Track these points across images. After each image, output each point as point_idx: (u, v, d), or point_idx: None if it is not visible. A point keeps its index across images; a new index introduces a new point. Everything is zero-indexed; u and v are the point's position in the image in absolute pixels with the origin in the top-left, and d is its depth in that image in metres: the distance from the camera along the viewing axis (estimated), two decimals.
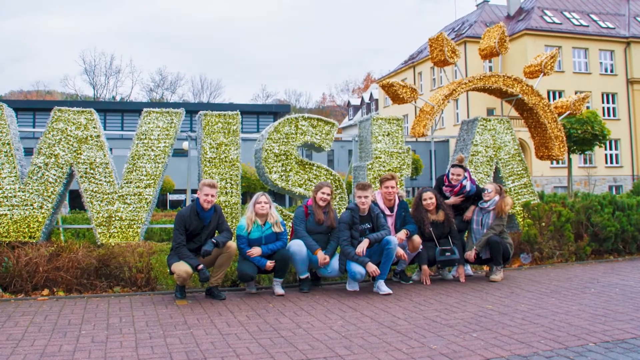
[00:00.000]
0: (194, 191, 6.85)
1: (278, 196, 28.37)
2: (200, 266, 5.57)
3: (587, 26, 36.66)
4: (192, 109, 32.15)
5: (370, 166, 7.78)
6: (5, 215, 6.59)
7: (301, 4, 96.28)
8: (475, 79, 9.12)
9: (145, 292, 6.11)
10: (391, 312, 5.02)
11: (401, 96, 8.74)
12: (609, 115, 35.69)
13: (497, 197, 6.78)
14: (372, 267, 5.82)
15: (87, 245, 6.52)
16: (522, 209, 8.37)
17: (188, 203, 7.08)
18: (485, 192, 6.82)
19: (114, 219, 6.86)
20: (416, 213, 6.66)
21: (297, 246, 6.00)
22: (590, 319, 4.63)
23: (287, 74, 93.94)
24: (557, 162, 30.55)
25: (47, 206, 6.72)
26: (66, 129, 6.92)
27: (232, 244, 5.86)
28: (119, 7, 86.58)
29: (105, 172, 6.95)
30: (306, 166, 7.49)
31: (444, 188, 7.10)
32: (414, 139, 29.18)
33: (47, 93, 67.58)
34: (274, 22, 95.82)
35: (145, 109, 7.29)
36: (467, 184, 6.96)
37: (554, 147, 9.35)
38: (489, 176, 8.39)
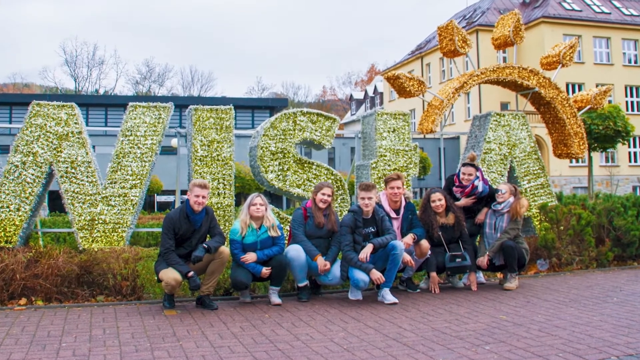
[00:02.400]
0: (183, 192, 6.85)
1: (275, 197, 28.39)
2: (191, 273, 5.57)
3: (609, 13, 36.68)
4: (181, 103, 32.18)
5: (374, 165, 7.79)
6: None
7: None
8: (488, 70, 9.12)
9: (131, 302, 6.11)
10: (397, 323, 5.02)
11: (408, 89, 8.74)
12: (632, 109, 35.69)
13: (511, 199, 6.78)
14: (376, 275, 5.83)
15: (68, 251, 6.53)
16: (538, 211, 8.37)
17: (177, 205, 7.08)
18: (499, 193, 6.83)
19: (97, 222, 6.87)
20: (424, 216, 6.66)
21: (295, 252, 6.00)
22: (612, 331, 4.63)
23: (285, 65, 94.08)
24: (577, 161, 30.55)
25: (25, 208, 6.72)
26: (45, 124, 6.93)
27: (225, 249, 5.87)
28: None
29: (88, 172, 6.95)
30: (305, 165, 7.50)
31: (454, 189, 7.10)
32: (421, 136, 29.18)
33: (25, 86, 67.65)
34: (271, 10, 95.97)
35: (130, 103, 7.29)
36: (479, 185, 6.96)
37: (573, 145, 9.35)
38: (502, 176, 8.39)
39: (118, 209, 6.94)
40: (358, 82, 76.96)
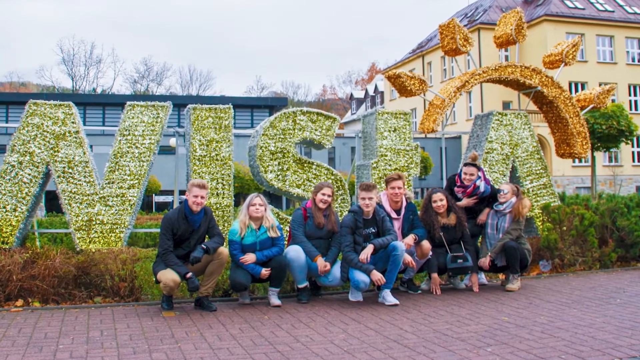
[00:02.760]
0: (182, 192, 6.85)
1: (274, 198, 28.39)
2: (189, 274, 5.57)
3: (613, 11, 36.68)
4: (180, 102, 32.16)
5: (375, 165, 7.79)
6: None
7: None
8: (489, 69, 9.12)
9: (128, 303, 6.11)
10: (398, 325, 5.02)
11: (409, 88, 8.74)
12: (636, 109, 35.69)
13: (513, 199, 6.78)
14: (377, 276, 5.82)
15: (65, 252, 6.52)
16: (541, 211, 8.37)
17: (176, 205, 7.08)
18: (501, 193, 6.83)
19: (94, 222, 6.87)
20: (425, 216, 6.67)
21: (294, 252, 6.00)
22: (615, 332, 4.63)
23: (284, 64, 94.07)
24: (580, 161, 30.54)
25: (22, 209, 6.73)
26: (42, 124, 6.93)
27: (224, 250, 5.86)
28: None
29: (85, 172, 6.95)
30: (305, 165, 7.50)
31: (455, 189, 7.10)
32: (422, 135, 29.17)
33: (22, 85, 67.68)
34: (270, 8, 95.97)
35: (128, 103, 7.30)
36: (481, 185, 6.96)
37: (576, 144, 9.35)
38: (505, 176, 8.40)
39: (116, 209, 6.94)
40: (358, 81, 77.01)
